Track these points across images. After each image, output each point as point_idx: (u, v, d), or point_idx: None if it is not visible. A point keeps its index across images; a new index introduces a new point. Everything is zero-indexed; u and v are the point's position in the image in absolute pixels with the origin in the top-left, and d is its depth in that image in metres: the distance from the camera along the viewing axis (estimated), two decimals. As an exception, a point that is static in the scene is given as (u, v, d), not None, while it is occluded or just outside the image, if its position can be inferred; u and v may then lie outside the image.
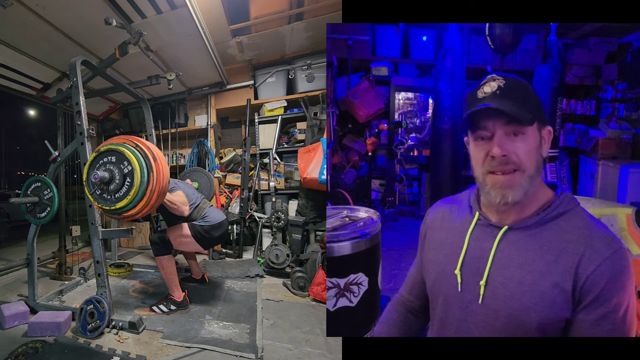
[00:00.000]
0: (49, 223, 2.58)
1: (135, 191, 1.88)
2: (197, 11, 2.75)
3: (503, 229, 0.84)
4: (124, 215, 1.95)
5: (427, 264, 0.99)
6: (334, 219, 0.86)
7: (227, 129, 4.88)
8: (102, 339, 2.07)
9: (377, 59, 4.99)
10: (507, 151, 0.79)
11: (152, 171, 1.92)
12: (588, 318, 0.74)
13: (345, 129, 4.89)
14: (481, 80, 0.85)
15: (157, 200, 2.00)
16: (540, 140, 0.82)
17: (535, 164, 0.81)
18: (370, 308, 0.83)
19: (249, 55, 3.98)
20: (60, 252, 3.32)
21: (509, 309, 0.79)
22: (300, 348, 2.02)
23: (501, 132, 0.80)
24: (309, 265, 2.95)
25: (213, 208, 2.74)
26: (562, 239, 0.79)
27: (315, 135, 3.76)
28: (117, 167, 1.93)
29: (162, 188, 2.00)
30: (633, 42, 4.56)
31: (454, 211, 0.99)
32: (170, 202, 2.43)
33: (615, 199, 3.95)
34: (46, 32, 2.64)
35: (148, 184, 1.91)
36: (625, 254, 0.75)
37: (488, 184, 0.83)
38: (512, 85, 0.81)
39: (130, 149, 1.94)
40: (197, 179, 3.80)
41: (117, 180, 1.93)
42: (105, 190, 1.95)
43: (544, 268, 0.77)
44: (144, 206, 1.93)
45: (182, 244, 2.58)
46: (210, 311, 2.52)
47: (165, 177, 2.02)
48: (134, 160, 1.90)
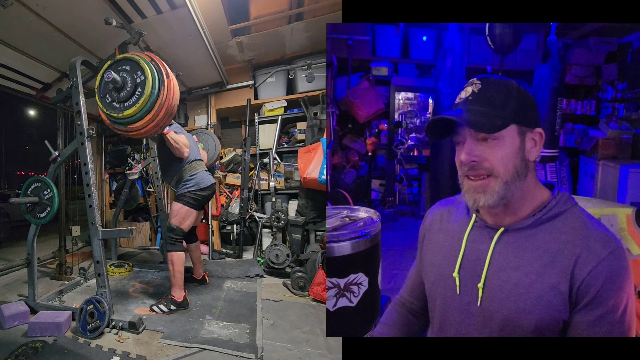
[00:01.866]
0: (49, 223, 2.57)
1: (144, 100, 1.91)
2: (197, 11, 2.74)
3: (499, 230, 0.84)
4: (130, 127, 1.97)
5: (426, 266, 0.99)
6: (334, 219, 0.86)
7: (227, 129, 4.88)
8: (102, 339, 2.07)
9: (377, 59, 4.98)
10: (476, 157, 0.79)
11: (163, 85, 1.95)
12: (585, 319, 0.74)
13: (345, 129, 4.88)
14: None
15: (164, 118, 2.02)
16: (521, 144, 0.81)
17: (513, 169, 0.79)
18: (370, 308, 0.83)
19: (249, 55, 3.97)
20: (60, 252, 3.32)
21: (505, 311, 0.79)
22: (300, 348, 2.02)
23: (470, 138, 0.80)
24: (309, 265, 2.95)
25: (203, 172, 2.75)
26: (558, 240, 0.78)
27: (315, 135, 3.76)
28: (131, 76, 1.95)
29: (171, 105, 2.02)
30: (633, 42, 4.56)
31: (452, 213, 0.99)
32: (174, 141, 2.51)
33: (616, 199, 3.94)
34: (46, 32, 2.64)
35: (158, 97, 1.93)
36: (623, 254, 0.75)
37: (464, 187, 0.84)
38: (489, 89, 0.81)
39: (146, 61, 1.96)
40: (203, 141, 3.78)
41: (128, 87, 1.95)
42: (115, 98, 1.97)
43: (540, 270, 0.77)
44: (150, 120, 1.96)
45: (182, 216, 2.62)
46: (210, 311, 2.52)
47: (176, 96, 2.04)
48: (148, 71, 1.92)
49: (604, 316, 0.73)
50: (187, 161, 2.67)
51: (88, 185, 2.30)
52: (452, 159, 0.81)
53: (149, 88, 1.90)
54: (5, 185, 14.23)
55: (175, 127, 2.69)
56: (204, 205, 2.90)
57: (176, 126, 2.77)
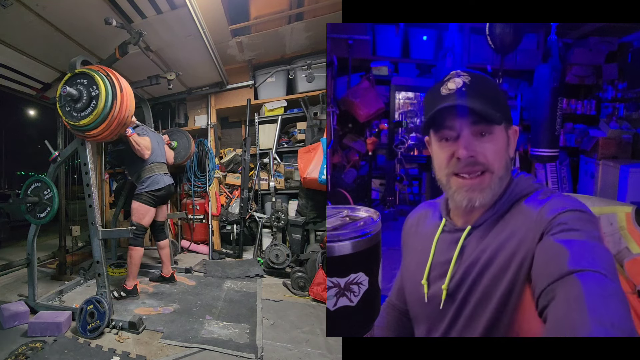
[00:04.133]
0: (49, 223, 2.58)
1: (98, 112, 2.10)
2: (197, 11, 2.74)
3: (466, 230, 0.82)
4: (87, 134, 2.18)
5: (403, 271, 0.98)
6: (334, 219, 0.86)
7: (227, 129, 4.88)
8: (102, 339, 2.07)
9: (377, 58, 4.98)
10: (474, 152, 0.76)
11: (116, 99, 2.13)
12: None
13: (345, 129, 4.89)
14: (443, 77, 0.81)
15: (118, 127, 2.22)
16: (507, 140, 0.79)
17: (503, 164, 0.78)
18: (371, 307, 0.83)
19: (249, 55, 3.97)
20: (60, 252, 3.32)
21: (473, 301, 0.77)
22: (300, 348, 2.02)
23: (468, 132, 0.76)
24: (309, 265, 2.95)
25: (160, 175, 2.98)
26: (513, 225, 0.76)
27: (315, 135, 3.76)
28: (87, 89, 2.14)
29: (124, 117, 2.21)
30: (633, 41, 4.56)
31: (429, 216, 0.97)
32: (136, 142, 2.77)
33: (616, 199, 3.94)
34: (46, 32, 2.64)
35: (111, 109, 2.12)
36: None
37: (452, 186, 0.80)
38: (479, 82, 0.78)
39: (102, 75, 2.13)
40: (177, 139, 3.88)
41: (84, 100, 2.13)
42: (73, 108, 2.17)
43: (503, 244, 0.75)
44: (105, 129, 2.16)
45: (141, 213, 2.87)
46: (210, 311, 2.52)
47: (129, 108, 2.22)
48: (102, 85, 2.11)
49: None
50: (148, 162, 2.93)
51: (88, 185, 2.30)
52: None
53: (102, 101, 2.10)
54: (5, 185, 14.22)
55: (140, 129, 2.95)
56: (163, 202, 3.12)
57: (141, 128, 3.01)
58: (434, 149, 0.82)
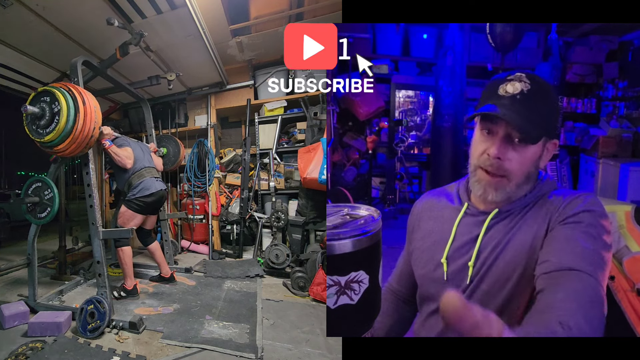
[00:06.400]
0: (49, 223, 2.57)
1: (60, 128, 2.12)
2: (197, 11, 2.74)
3: (493, 211, 0.85)
4: (55, 149, 2.20)
5: (415, 254, 1.00)
6: (335, 217, 0.86)
7: (227, 129, 4.87)
8: (102, 339, 2.07)
9: (377, 56, 4.98)
10: (502, 155, 0.79)
11: (79, 112, 2.14)
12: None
13: (345, 127, 4.89)
14: (507, 74, 0.82)
15: (85, 140, 2.22)
16: (541, 153, 0.82)
17: (526, 173, 0.81)
18: (371, 306, 0.83)
19: (249, 55, 3.97)
20: (60, 252, 3.32)
21: (498, 285, 0.80)
22: (300, 348, 2.02)
23: (505, 137, 0.80)
24: (309, 265, 2.95)
25: (151, 179, 2.94)
26: (536, 214, 0.81)
27: (315, 135, 3.76)
28: (49, 106, 2.16)
29: (89, 131, 2.21)
30: (634, 40, 4.56)
31: (442, 202, 1.00)
32: (114, 154, 2.77)
33: (616, 198, 3.94)
34: (46, 32, 2.64)
35: (74, 124, 2.13)
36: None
37: (477, 175, 0.85)
38: (537, 93, 0.78)
39: (63, 91, 2.15)
40: (166, 145, 3.87)
41: (47, 117, 2.16)
42: (37, 125, 2.20)
43: (526, 241, 0.80)
44: (71, 143, 2.17)
45: (126, 218, 2.86)
46: (210, 311, 2.52)
47: (94, 120, 2.22)
48: (63, 101, 2.12)
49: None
50: (134, 170, 2.89)
51: (88, 185, 2.30)
52: (452, 158, 0.81)
53: (64, 117, 2.12)
54: (6, 185, 14.22)
55: (119, 141, 2.92)
56: (154, 208, 3.10)
57: (121, 139, 2.97)
58: (475, 135, 0.87)
